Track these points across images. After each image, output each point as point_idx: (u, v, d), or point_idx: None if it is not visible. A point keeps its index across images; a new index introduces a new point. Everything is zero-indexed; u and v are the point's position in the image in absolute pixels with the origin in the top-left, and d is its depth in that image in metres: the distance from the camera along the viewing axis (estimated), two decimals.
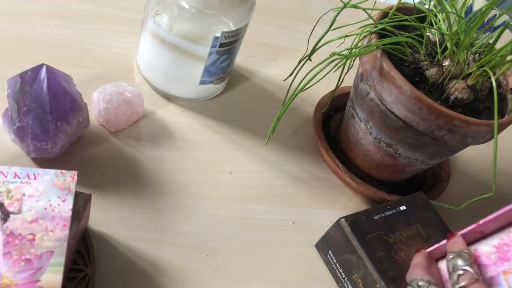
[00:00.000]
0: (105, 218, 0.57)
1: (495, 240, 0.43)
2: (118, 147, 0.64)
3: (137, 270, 0.55)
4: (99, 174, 0.60)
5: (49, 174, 0.47)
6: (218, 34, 0.63)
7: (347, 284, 0.58)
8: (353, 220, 0.57)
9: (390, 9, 0.60)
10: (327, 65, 0.55)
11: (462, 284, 0.41)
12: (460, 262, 0.42)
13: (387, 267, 0.55)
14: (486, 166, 0.81)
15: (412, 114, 0.55)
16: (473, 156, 0.81)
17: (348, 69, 0.62)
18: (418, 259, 0.48)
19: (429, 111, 0.54)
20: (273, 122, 0.57)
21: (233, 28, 0.65)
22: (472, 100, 0.58)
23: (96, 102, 0.63)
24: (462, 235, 0.45)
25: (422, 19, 0.61)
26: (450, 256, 0.43)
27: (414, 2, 0.61)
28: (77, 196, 0.48)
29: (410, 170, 0.66)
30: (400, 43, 0.59)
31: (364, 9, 0.57)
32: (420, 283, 0.44)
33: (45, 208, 0.45)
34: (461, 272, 0.42)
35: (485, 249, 0.43)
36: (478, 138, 0.57)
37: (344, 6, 0.54)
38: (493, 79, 0.53)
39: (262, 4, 0.91)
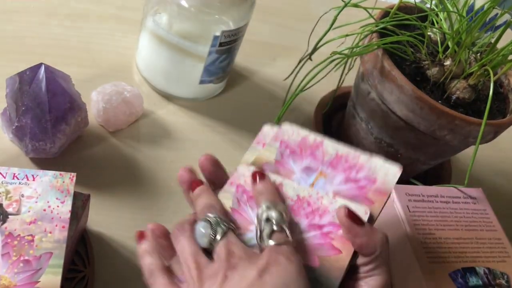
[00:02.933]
0: (104, 218, 0.57)
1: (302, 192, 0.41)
2: (117, 147, 0.64)
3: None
4: (98, 174, 0.60)
5: (48, 176, 0.47)
6: (218, 33, 0.63)
7: None
8: None
9: (391, 8, 0.59)
10: (327, 65, 0.55)
11: (272, 243, 0.36)
12: (276, 216, 0.37)
13: None
14: (487, 166, 0.81)
15: (413, 114, 0.55)
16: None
17: (349, 69, 0.62)
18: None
19: (431, 111, 0.54)
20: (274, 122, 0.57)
21: (233, 27, 0.64)
22: (474, 99, 0.58)
23: (95, 101, 0.63)
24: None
25: (424, 18, 0.61)
26: (265, 205, 0.38)
27: (415, 1, 0.60)
28: (76, 196, 0.48)
29: (411, 170, 0.66)
30: (401, 43, 0.59)
31: (365, 8, 0.56)
32: (212, 219, 0.38)
33: (44, 210, 0.45)
34: (276, 228, 0.37)
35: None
36: None
37: (345, 5, 0.54)
38: (492, 79, 0.52)
39: (262, 3, 0.90)
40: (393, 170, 0.42)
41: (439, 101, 0.56)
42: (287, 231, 0.37)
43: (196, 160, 0.67)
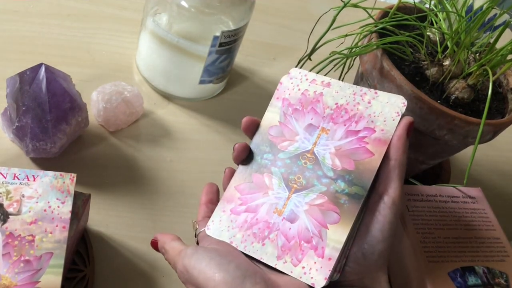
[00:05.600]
0: (104, 218, 0.57)
1: (341, 100, 0.44)
2: (117, 147, 0.64)
3: (137, 270, 0.55)
4: (98, 174, 0.60)
5: (48, 176, 0.47)
6: (218, 34, 0.63)
7: None
8: None
9: (391, 9, 0.59)
10: (327, 65, 0.55)
11: None
12: None
13: None
14: (486, 166, 0.81)
15: (412, 113, 0.55)
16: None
17: (348, 69, 0.62)
18: None
19: (430, 110, 0.54)
20: None
21: (232, 28, 0.64)
22: (473, 99, 0.58)
23: (95, 101, 0.63)
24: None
25: (423, 19, 0.61)
26: None
27: (414, 2, 0.61)
28: (76, 196, 0.48)
29: (410, 170, 0.66)
30: (401, 43, 0.59)
31: (365, 8, 0.56)
32: None
33: (45, 210, 0.45)
34: None
35: (327, 100, 0.45)
36: None
37: (344, 5, 0.54)
38: (491, 78, 0.52)
39: (262, 3, 0.91)
40: (392, 115, 0.42)
41: (438, 101, 0.56)
42: None
43: (196, 160, 0.67)
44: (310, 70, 0.55)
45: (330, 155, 0.42)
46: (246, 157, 0.45)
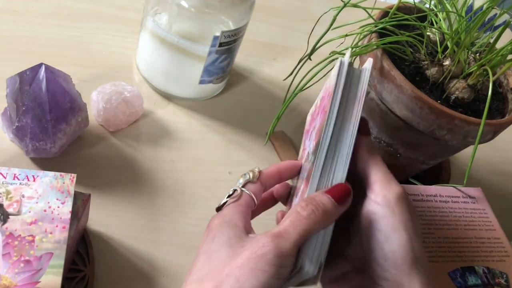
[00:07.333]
0: (104, 218, 0.57)
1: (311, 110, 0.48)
2: (117, 147, 0.64)
3: (137, 271, 0.55)
4: (98, 174, 0.60)
5: (48, 176, 0.47)
6: (218, 34, 0.63)
7: None
8: None
9: (391, 9, 0.59)
10: (327, 65, 0.55)
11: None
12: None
13: None
14: (486, 166, 0.81)
15: (412, 113, 0.55)
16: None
17: None
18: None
19: (430, 110, 0.54)
20: (273, 122, 0.57)
21: (232, 28, 0.64)
22: (473, 99, 0.58)
23: (95, 101, 0.63)
24: None
25: (423, 18, 0.61)
26: None
27: (414, 2, 0.61)
28: (76, 196, 0.48)
29: (410, 170, 0.66)
30: (401, 43, 0.59)
31: (365, 8, 0.56)
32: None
33: (45, 210, 0.45)
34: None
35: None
36: None
37: (344, 5, 0.54)
38: (491, 78, 0.52)
39: (262, 3, 0.90)
40: (334, 73, 0.42)
41: (438, 101, 0.56)
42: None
43: (196, 160, 0.67)
44: (310, 70, 0.55)
45: (312, 142, 0.44)
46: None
